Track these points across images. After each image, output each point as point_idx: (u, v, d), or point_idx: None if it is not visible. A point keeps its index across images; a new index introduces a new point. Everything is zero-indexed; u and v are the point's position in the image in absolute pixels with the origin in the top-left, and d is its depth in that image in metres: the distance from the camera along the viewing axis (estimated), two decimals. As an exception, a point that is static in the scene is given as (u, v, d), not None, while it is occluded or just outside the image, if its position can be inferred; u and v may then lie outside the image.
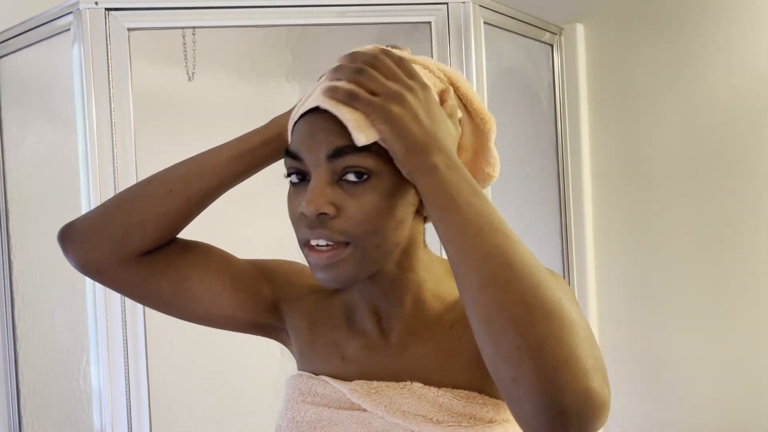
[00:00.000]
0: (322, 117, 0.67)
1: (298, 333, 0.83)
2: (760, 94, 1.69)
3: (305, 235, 0.67)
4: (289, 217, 0.71)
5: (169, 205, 0.78)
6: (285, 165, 0.71)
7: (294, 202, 0.69)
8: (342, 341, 0.80)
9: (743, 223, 1.73)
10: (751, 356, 1.73)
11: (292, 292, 0.85)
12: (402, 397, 0.72)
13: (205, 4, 1.55)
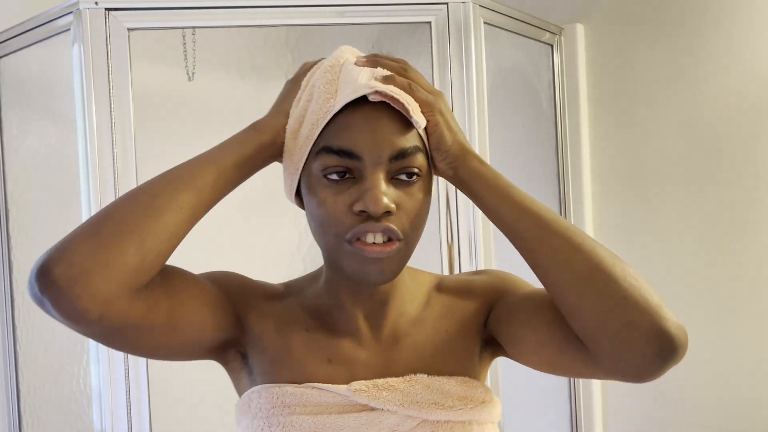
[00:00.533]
0: (379, 112, 0.70)
1: (266, 342, 0.78)
2: (760, 94, 1.69)
3: (361, 230, 0.69)
4: (325, 214, 0.70)
5: (181, 221, 0.68)
6: (326, 162, 0.70)
7: (337, 199, 0.69)
8: (325, 344, 0.78)
9: (743, 223, 1.73)
10: (751, 356, 1.73)
11: (249, 302, 0.80)
12: (413, 388, 0.75)
13: (205, 4, 1.55)
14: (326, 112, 0.70)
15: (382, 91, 0.69)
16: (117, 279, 0.63)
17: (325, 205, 0.70)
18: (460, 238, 1.62)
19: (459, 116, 1.62)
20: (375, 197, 0.68)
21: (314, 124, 0.71)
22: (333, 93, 0.71)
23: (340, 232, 0.70)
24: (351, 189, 0.70)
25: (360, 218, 0.69)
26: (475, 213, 1.62)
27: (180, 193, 0.68)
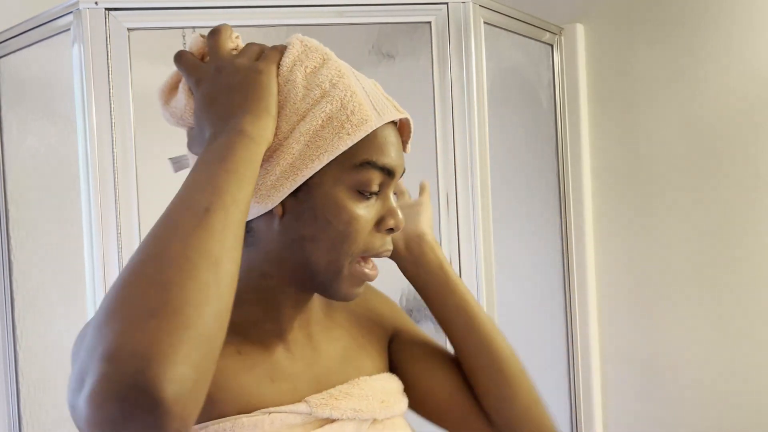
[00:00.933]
0: (396, 131, 0.73)
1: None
2: (760, 93, 1.69)
3: (384, 247, 0.71)
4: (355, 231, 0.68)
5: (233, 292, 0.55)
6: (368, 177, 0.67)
7: (368, 216, 0.69)
8: (261, 363, 0.71)
9: (743, 222, 1.73)
10: (751, 356, 1.73)
11: None
12: (363, 392, 0.75)
13: (205, 4, 1.55)
14: (363, 123, 0.66)
15: (406, 116, 0.74)
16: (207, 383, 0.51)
17: (358, 221, 0.68)
18: (460, 238, 1.62)
19: (459, 116, 1.62)
20: (399, 215, 0.71)
21: (348, 133, 0.66)
22: (362, 103, 0.68)
23: (360, 250, 0.70)
24: (376, 205, 0.70)
25: (382, 236, 0.71)
26: (475, 213, 1.62)
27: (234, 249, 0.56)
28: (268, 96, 0.66)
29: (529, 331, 1.92)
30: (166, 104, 0.73)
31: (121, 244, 1.49)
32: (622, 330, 1.94)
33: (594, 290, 1.98)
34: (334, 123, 0.66)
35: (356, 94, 0.68)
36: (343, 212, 0.67)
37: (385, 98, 0.72)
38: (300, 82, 0.68)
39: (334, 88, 0.68)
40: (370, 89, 0.71)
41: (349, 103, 0.67)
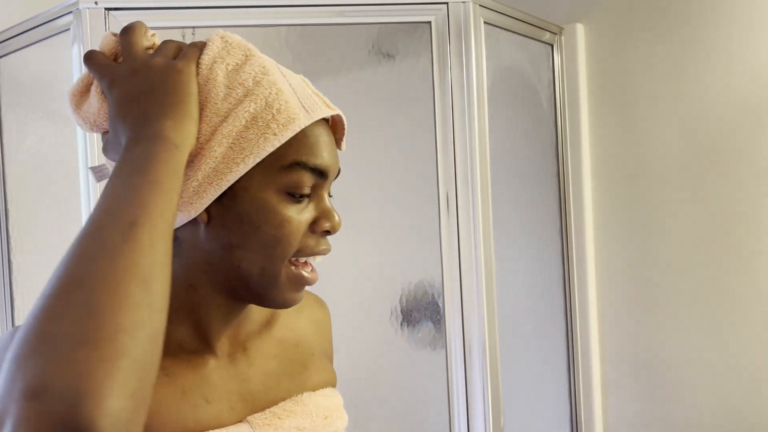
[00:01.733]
0: (328, 129, 0.69)
1: None
2: (760, 93, 1.69)
3: (317, 249, 0.68)
4: (287, 234, 0.64)
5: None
6: (298, 179, 0.64)
7: (301, 218, 0.66)
8: (193, 383, 0.67)
9: (744, 222, 1.73)
10: (751, 356, 1.73)
11: None
12: (306, 408, 0.73)
13: (205, 4, 1.55)
14: (290, 122, 0.63)
15: (338, 113, 0.69)
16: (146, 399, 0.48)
17: (290, 224, 0.64)
18: (460, 238, 1.62)
19: (459, 116, 1.62)
20: (335, 217, 0.68)
21: (274, 133, 0.63)
22: (288, 101, 0.64)
23: (291, 254, 0.66)
24: (309, 207, 0.67)
25: (316, 238, 0.68)
26: (475, 213, 1.62)
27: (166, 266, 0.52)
28: (188, 97, 0.61)
29: (529, 330, 1.92)
30: (78, 108, 0.67)
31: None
32: (622, 330, 1.94)
33: (594, 290, 1.98)
34: (258, 123, 0.63)
35: (282, 91, 0.64)
36: (272, 216, 0.64)
37: (314, 94, 0.68)
38: (221, 80, 0.63)
39: (257, 86, 0.63)
40: (297, 86, 0.67)
41: (274, 101, 0.63)
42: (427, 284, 1.69)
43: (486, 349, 1.63)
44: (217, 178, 0.63)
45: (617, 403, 1.97)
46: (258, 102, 0.63)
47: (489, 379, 1.63)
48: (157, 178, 0.55)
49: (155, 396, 0.61)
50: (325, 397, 0.76)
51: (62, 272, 0.48)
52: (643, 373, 1.91)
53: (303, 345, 0.80)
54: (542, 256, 1.96)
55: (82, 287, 0.47)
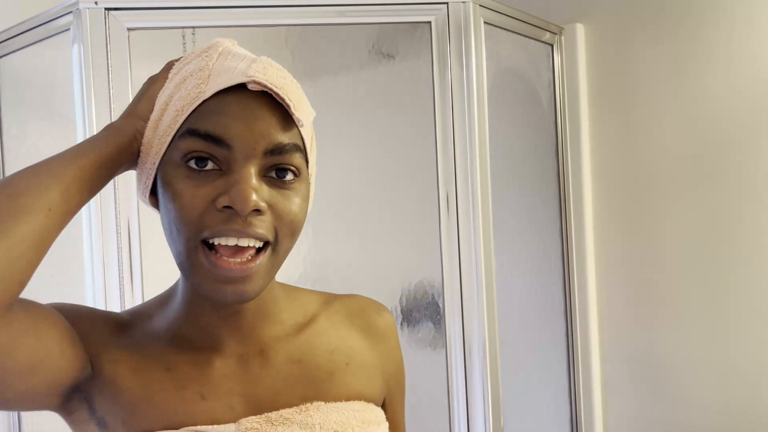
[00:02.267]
0: (258, 103, 0.62)
1: (121, 387, 0.66)
2: (761, 93, 1.69)
3: (223, 230, 0.60)
4: (180, 209, 0.61)
5: (51, 225, 0.58)
6: (189, 146, 0.61)
7: (197, 192, 0.60)
8: (193, 378, 0.67)
9: (744, 222, 1.73)
10: (751, 356, 1.73)
11: (99, 340, 0.68)
12: (310, 419, 0.68)
13: (205, 4, 1.55)
14: (195, 98, 0.62)
15: (263, 81, 0.61)
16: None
17: (181, 197, 0.60)
18: (460, 239, 1.62)
19: (459, 116, 1.62)
20: (243, 192, 0.59)
21: (179, 111, 0.63)
22: (205, 78, 0.63)
23: (195, 232, 0.60)
24: (216, 182, 0.60)
25: (222, 216, 0.60)
26: (475, 213, 1.62)
27: (47, 191, 0.58)
28: (139, 98, 0.68)
29: (529, 331, 1.92)
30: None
31: (120, 244, 1.49)
32: (622, 330, 1.94)
33: (594, 290, 1.98)
34: (172, 106, 0.64)
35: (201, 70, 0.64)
36: (168, 189, 0.62)
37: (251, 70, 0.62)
38: (171, 80, 0.67)
39: (180, 72, 0.66)
40: (228, 63, 0.64)
41: (189, 80, 0.64)
42: (427, 284, 1.69)
43: (486, 349, 1.62)
44: (147, 161, 0.66)
45: (617, 403, 1.97)
46: (178, 86, 0.65)
47: (489, 379, 1.63)
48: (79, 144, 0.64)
49: (151, 386, 0.66)
50: (343, 410, 0.71)
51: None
52: (643, 373, 1.91)
53: (338, 353, 0.74)
54: (542, 256, 1.96)
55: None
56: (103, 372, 0.66)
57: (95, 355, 0.67)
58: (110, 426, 0.66)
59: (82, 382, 0.66)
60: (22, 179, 0.59)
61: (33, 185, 0.59)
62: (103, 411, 0.66)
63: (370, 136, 1.67)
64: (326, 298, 0.80)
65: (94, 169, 0.62)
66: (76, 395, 0.67)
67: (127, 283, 1.48)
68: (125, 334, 0.69)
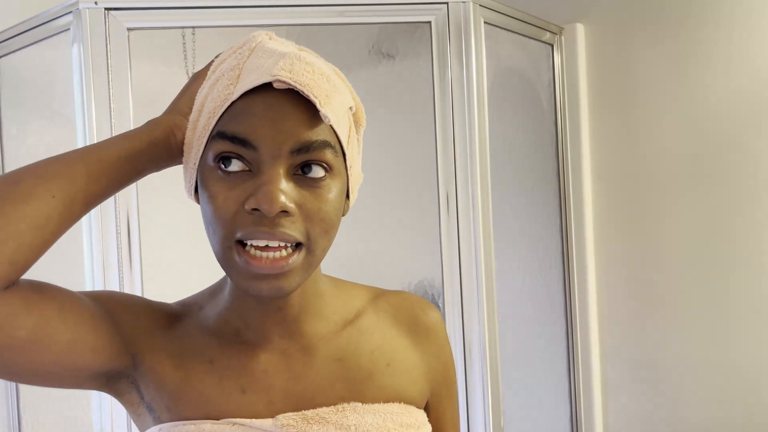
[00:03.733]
0: (284, 101, 0.61)
1: (164, 377, 0.68)
2: (761, 93, 1.69)
3: (251, 233, 0.60)
4: (214, 211, 0.62)
5: (53, 211, 0.60)
6: (218, 149, 0.62)
7: (229, 194, 0.61)
8: (235, 371, 0.68)
9: (744, 223, 1.73)
10: (751, 356, 1.73)
11: (139, 329, 0.69)
12: (346, 420, 0.68)
13: (205, 4, 1.55)
14: (224, 100, 0.62)
15: (287, 80, 0.60)
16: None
17: (215, 200, 0.61)
18: (460, 238, 1.62)
19: (459, 116, 1.62)
20: (269, 193, 0.58)
21: (211, 113, 0.63)
22: (234, 79, 0.63)
23: (228, 233, 0.61)
24: (246, 183, 0.61)
25: (252, 218, 0.60)
26: (475, 213, 1.62)
27: (51, 180, 0.60)
28: (182, 94, 0.70)
29: (529, 331, 1.92)
30: None
31: (120, 244, 1.49)
32: (622, 330, 1.94)
33: (594, 290, 1.98)
34: (207, 107, 0.65)
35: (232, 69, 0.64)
36: (205, 191, 0.63)
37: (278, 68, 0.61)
38: (209, 78, 0.68)
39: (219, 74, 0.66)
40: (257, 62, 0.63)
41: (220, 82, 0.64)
42: (427, 284, 1.69)
43: (486, 349, 1.62)
44: (189, 161, 0.67)
45: (617, 403, 1.97)
46: (211, 87, 0.66)
47: (489, 379, 1.63)
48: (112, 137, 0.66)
49: (193, 377, 0.68)
50: (380, 413, 0.70)
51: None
52: (643, 373, 1.91)
53: (379, 352, 0.74)
54: (542, 256, 1.96)
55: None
56: (145, 361, 0.68)
57: (136, 344, 0.68)
58: (156, 411, 0.68)
59: (124, 368, 0.68)
60: (30, 168, 0.61)
61: (39, 173, 0.61)
62: (149, 397, 0.69)
63: (370, 136, 1.67)
64: (374, 293, 0.79)
65: (117, 161, 0.64)
66: (123, 380, 0.69)
67: (127, 283, 1.48)
68: (174, 325, 0.71)
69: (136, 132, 0.67)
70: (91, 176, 0.62)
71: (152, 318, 0.70)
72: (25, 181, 0.60)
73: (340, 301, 0.75)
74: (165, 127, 0.67)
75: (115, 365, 0.67)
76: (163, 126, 0.67)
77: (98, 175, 0.63)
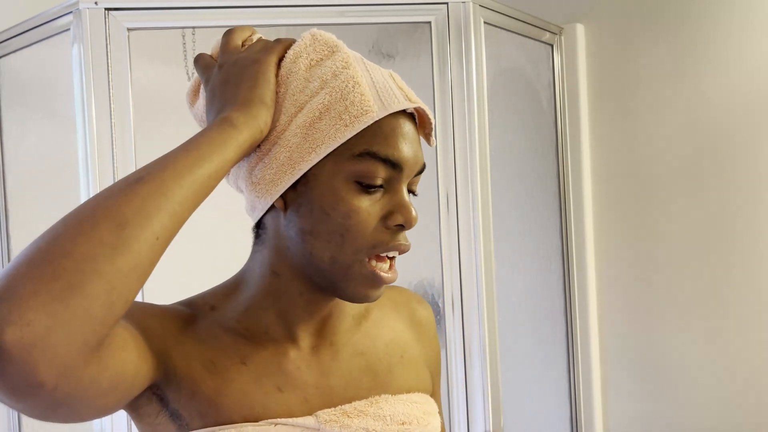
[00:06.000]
0: (411, 122, 0.68)
1: (197, 381, 0.66)
2: (760, 93, 1.69)
3: (393, 247, 0.66)
4: (356, 225, 0.65)
5: (155, 255, 0.54)
6: (367, 169, 0.64)
7: (371, 210, 0.66)
8: (269, 370, 0.69)
9: (743, 222, 1.73)
10: (751, 356, 1.73)
11: (167, 337, 0.67)
12: (381, 411, 0.71)
13: (205, 4, 1.55)
14: (363, 114, 0.64)
15: (421, 107, 0.69)
16: (81, 339, 0.49)
17: (358, 215, 0.65)
18: (460, 238, 1.62)
19: (459, 116, 1.62)
20: (411, 212, 0.67)
21: (346, 124, 0.64)
22: (364, 94, 0.65)
23: (367, 247, 0.65)
24: (382, 200, 0.67)
25: (390, 233, 0.66)
26: (475, 213, 1.62)
27: (154, 219, 0.53)
28: (261, 84, 0.65)
29: (529, 331, 1.92)
30: (192, 107, 0.74)
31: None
32: (622, 330, 1.94)
33: (594, 290, 1.98)
34: (331, 114, 0.64)
35: (359, 84, 0.65)
36: (341, 204, 0.65)
37: (398, 88, 0.68)
38: (302, 74, 0.67)
39: (335, 78, 0.65)
40: (380, 79, 0.67)
41: (349, 93, 0.64)
42: (427, 284, 1.69)
43: (486, 349, 1.63)
44: (290, 167, 0.65)
45: (617, 403, 1.97)
46: (333, 94, 0.65)
47: (489, 379, 1.63)
48: (193, 147, 0.58)
49: (227, 379, 0.67)
50: (407, 403, 0.73)
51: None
52: (643, 373, 1.91)
53: (393, 345, 0.78)
54: (542, 256, 1.96)
55: (63, 220, 0.52)
56: (176, 368, 0.66)
57: (165, 352, 0.66)
58: (184, 418, 0.66)
59: (154, 381, 0.66)
60: (128, 204, 0.53)
61: (140, 208, 0.53)
62: (177, 404, 0.66)
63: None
64: None
65: (210, 180, 0.58)
66: (145, 392, 0.66)
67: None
68: (191, 327, 0.69)
69: (220, 137, 0.60)
70: (191, 204, 0.57)
71: (174, 323, 0.69)
72: (131, 224, 0.52)
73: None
74: (255, 128, 0.63)
75: (146, 381, 0.65)
76: (252, 126, 0.63)
77: (196, 199, 0.57)
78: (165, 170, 0.56)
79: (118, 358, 0.57)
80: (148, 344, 0.64)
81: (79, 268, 0.49)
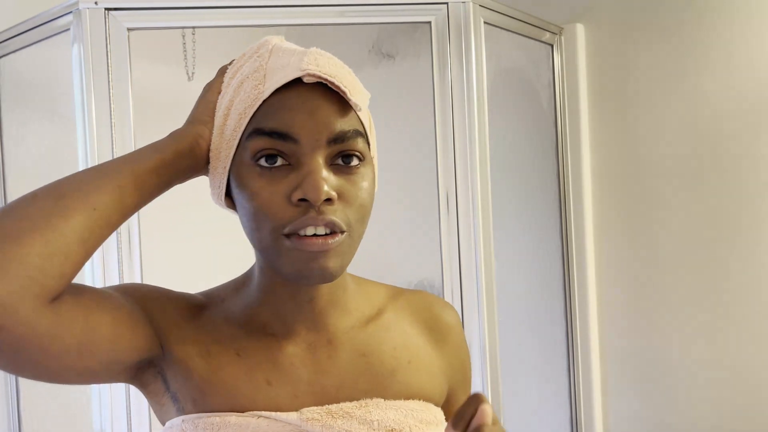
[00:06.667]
0: (315, 94, 0.64)
1: (191, 367, 0.69)
2: (760, 93, 1.69)
3: (302, 223, 0.62)
4: (259, 206, 0.64)
5: (94, 224, 0.61)
6: (257, 146, 0.64)
7: (272, 189, 0.63)
8: (261, 363, 0.69)
9: (743, 222, 1.73)
10: (751, 356, 1.73)
11: (167, 319, 0.70)
12: (369, 415, 0.69)
13: (205, 4, 1.55)
14: (255, 99, 0.65)
15: (316, 72, 0.63)
16: (18, 281, 0.56)
17: (258, 196, 0.63)
18: (460, 238, 1.62)
19: (459, 116, 1.62)
20: (315, 183, 0.61)
21: (242, 113, 0.66)
22: (261, 79, 0.65)
23: (276, 227, 0.63)
24: (288, 177, 0.63)
25: (299, 209, 0.63)
26: (475, 213, 1.62)
27: (92, 194, 0.62)
28: (199, 104, 0.72)
29: (529, 330, 1.92)
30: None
31: (120, 244, 1.49)
32: (622, 330, 1.94)
33: (594, 290, 1.98)
34: (236, 108, 0.67)
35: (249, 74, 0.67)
36: (245, 190, 0.65)
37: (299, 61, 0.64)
38: (227, 85, 0.70)
39: (240, 80, 0.68)
40: (279, 61, 0.66)
41: (246, 85, 0.67)
42: (427, 284, 1.69)
43: (486, 349, 1.63)
44: (218, 167, 0.69)
45: (617, 403, 1.97)
46: (242, 91, 0.67)
47: (489, 379, 1.63)
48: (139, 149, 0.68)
49: (219, 370, 0.68)
50: (401, 409, 0.71)
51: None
52: (643, 373, 1.91)
53: (402, 349, 0.75)
54: (542, 256, 1.96)
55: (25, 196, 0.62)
56: (173, 351, 0.69)
57: (164, 334, 0.69)
58: (181, 401, 0.69)
59: (152, 358, 0.69)
60: (71, 182, 0.63)
61: (80, 187, 0.62)
62: (175, 388, 0.69)
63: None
64: (393, 291, 0.81)
65: (147, 173, 0.65)
66: (150, 369, 0.70)
67: (127, 282, 1.48)
68: (199, 315, 0.72)
69: (162, 144, 0.68)
70: (126, 189, 0.64)
71: (178, 308, 0.72)
72: (68, 196, 0.61)
73: (362, 297, 0.76)
74: (189, 138, 0.69)
75: (147, 356, 0.68)
76: (187, 137, 0.69)
77: (132, 188, 0.64)
78: (108, 162, 0.66)
79: (93, 322, 0.62)
80: (149, 321, 0.68)
81: (16, 225, 0.58)
